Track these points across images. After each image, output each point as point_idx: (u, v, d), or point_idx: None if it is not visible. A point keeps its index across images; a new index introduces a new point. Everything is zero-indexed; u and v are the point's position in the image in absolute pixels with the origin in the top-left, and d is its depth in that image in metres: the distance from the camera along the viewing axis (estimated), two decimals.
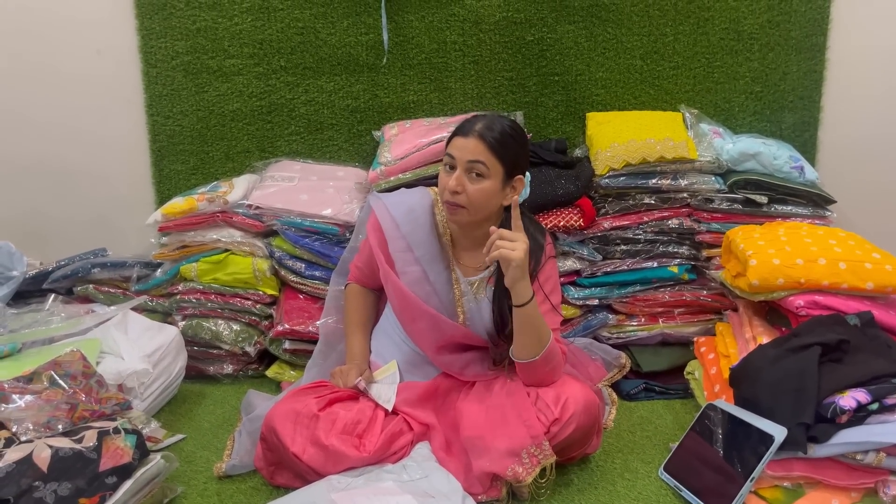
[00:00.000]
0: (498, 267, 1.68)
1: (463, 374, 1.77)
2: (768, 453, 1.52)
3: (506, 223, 1.79)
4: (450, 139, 1.72)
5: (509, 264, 1.55)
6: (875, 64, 2.44)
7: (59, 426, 1.48)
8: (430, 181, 2.13)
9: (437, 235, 1.80)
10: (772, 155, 2.22)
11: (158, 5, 2.35)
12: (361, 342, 1.88)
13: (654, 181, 2.19)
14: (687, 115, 2.36)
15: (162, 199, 2.47)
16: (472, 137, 1.66)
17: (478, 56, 2.42)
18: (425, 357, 1.79)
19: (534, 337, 1.63)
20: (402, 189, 1.96)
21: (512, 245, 1.55)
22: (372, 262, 1.84)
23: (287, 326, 2.11)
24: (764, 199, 2.18)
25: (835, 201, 2.23)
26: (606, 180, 2.19)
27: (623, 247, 2.21)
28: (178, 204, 2.20)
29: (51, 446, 1.40)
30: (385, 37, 2.37)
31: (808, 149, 2.48)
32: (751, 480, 1.52)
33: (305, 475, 1.59)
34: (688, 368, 2.09)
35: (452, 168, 1.68)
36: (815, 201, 2.22)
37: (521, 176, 1.73)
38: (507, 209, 1.80)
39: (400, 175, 2.20)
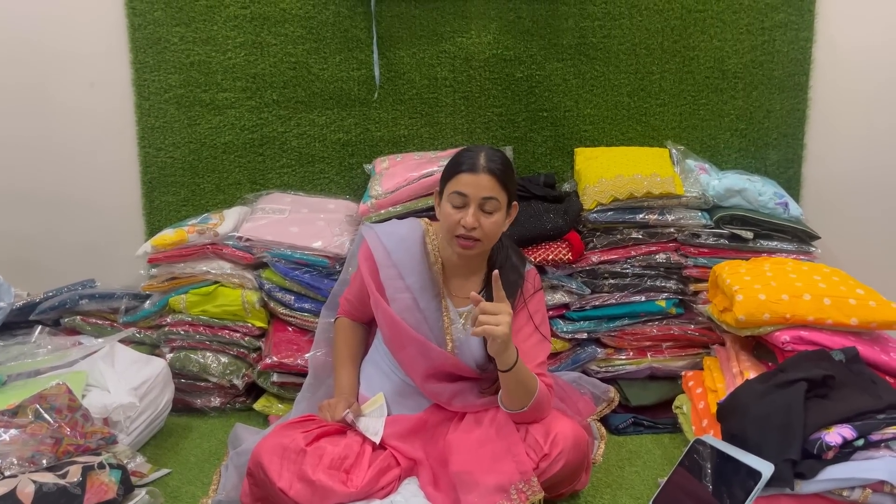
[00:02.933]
0: (490, 298, 1.69)
1: (451, 405, 1.76)
2: (756, 489, 1.52)
3: (496, 252, 1.82)
4: (451, 175, 1.71)
5: (494, 340, 1.56)
6: (857, 102, 2.49)
7: (44, 461, 1.47)
8: (421, 214, 2.15)
9: (429, 265, 1.81)
10: (757, 191, 2.25)
11: (153, 39, 2.38)
12: (350, 376, 1.87)
13: (641, 216, 2.21)
14: (673, 151, 2.40)
15: (152, 230, 2.48)
16: (484, 174, 1.68)
17: (468, 92, 2.46)
18: (415, 388, 1.79)
19: (521, 392, 1.64)
20: (394, 220, 1.98)
21: (496, 320, 1.55)
22: (362, 294, 1.84)
23: (275, 359, 2.10)
24: (750, 235, 2.21)
25: (819, 237, 2.27)
26: (594, 215, 2.22)
27: (611, 281, 2.23)
28: (168, 235, 2.21)
29: (35, 481, 1.39)
30: (377, 72, 2.41)
31: (792, 185, 2.52)
32: None
33: None
34: (676, 402, 2.09)
35: (463, 205, 1.70)
36: (800, 237, 2.25)
37: (515, 202, 1.79)
38: (500, 238, 1.82)
39: (390, 208, 2.22)
